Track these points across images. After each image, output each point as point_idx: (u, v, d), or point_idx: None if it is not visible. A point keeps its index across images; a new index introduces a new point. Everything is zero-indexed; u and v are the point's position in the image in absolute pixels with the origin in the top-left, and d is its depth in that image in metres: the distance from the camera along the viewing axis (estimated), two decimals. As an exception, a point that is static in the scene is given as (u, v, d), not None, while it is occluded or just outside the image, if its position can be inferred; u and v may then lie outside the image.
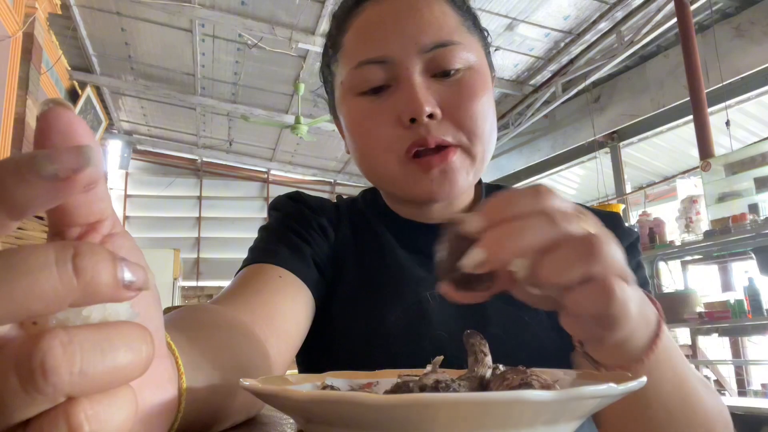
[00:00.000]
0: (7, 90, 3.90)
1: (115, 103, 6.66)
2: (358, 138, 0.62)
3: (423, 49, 0.57)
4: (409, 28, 0.57)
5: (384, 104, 0.59)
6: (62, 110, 0.20)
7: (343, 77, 0.62)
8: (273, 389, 0.28)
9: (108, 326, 0.20)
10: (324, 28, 4.60)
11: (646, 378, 0.30)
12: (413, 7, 0.58)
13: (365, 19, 0.60)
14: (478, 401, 0.24)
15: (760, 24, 4.05)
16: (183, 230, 7.95)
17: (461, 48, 0.58)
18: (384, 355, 0.59)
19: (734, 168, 3.72)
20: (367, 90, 0.59)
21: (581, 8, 4.22)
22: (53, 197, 0.19)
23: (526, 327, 0.60)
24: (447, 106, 0.57)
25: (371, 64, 0.58)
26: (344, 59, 0.62)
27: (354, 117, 0.61)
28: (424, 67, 0.58)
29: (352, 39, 0.61)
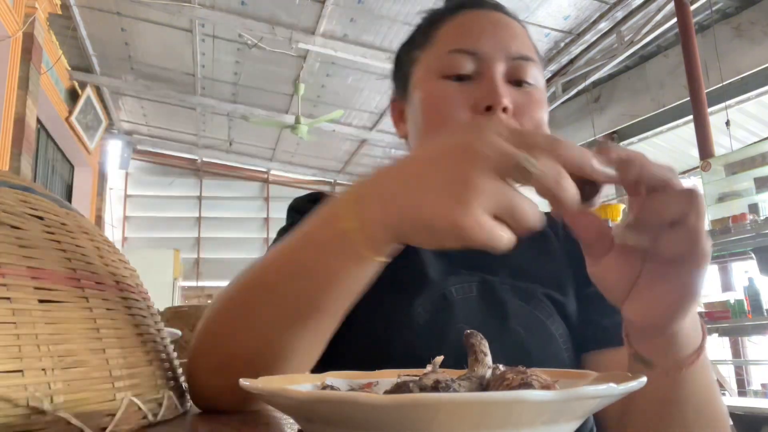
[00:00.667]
0: (7, 90, 3.90)
1: (115, 103, 6.66)
2: (430, 117, 0.67)
3: (509, 55, 0.64)
4: (502, 35, 0.66)
5: (464, 91, 0.64)
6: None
7: (431, 61, 0.68)
8: (273, 389, 0.28)
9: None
10: (324, 28, 4.60)
11: (645, 378, 0.30)
12: (507, 24, 0.68)
13: (464, 19, 0.68)
14: (478, 401, 0.24)
15: (760, 24, 4.05)
16: (183, 230, 7.95)
17: (536, 67, 0.66)
18: (407, 346, 0.61)
19: (734, 168, 3.72)
20: (452, 75, 0.65)
21: (581, 8, 4.22)
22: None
23: (545, 328, 0.64)
24: (517, 108, 0.64)
25: (463, 54, 0.65)
26: (436, 46, 0.68)
27: (433, 95, 0.66)
28: (506, 71, 0.65)
29: (448, 31, 0.68)
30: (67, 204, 0.48)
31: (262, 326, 0.45)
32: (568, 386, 0.26)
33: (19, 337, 0.33)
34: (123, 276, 0.47)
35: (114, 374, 0.39)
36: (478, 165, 0.31)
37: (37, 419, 0.32)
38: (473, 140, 0.32)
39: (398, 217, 0.35)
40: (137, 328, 0.45)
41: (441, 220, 0.32)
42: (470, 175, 0.31)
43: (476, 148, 0.32)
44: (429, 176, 0.33)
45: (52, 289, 0.37)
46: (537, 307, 0.65)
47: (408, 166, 0.36)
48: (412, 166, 0.36)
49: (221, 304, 0.49)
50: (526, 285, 0.66)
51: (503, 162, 0.31)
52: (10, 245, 0.36)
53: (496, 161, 0.31)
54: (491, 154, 0.31)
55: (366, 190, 0.38)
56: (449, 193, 0.32)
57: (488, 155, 0.31)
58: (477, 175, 0.31)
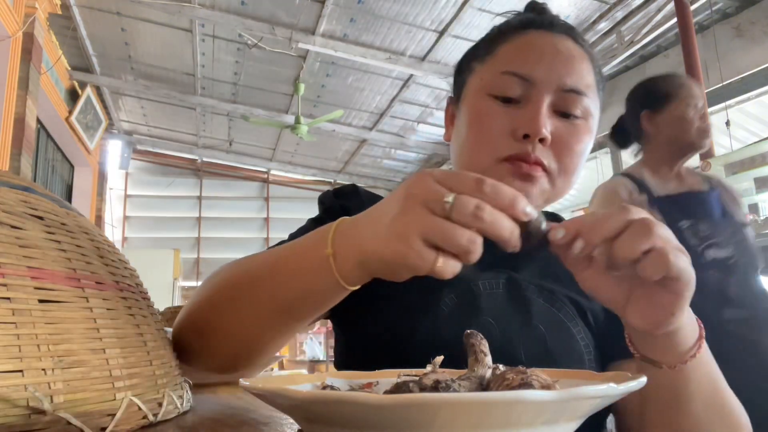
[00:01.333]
0: (7, 90, 3.90)
1: (115, 103, 6.66)
2: (471, 130, 0.69)
3: (561, 87, 0.65)
4: (559, 65, 0.66)
5: (508, 113, 0.66)
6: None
7: (485, 76, 0.69)
8: (273, 389, 0.28)
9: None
10: (324, 28, 4.60)
11: (645, 378, 0.30)
12: (569, 52, 0.68)
13: (528, 42, 0.69)
14: (478, 401, 0.24)
15: (760, 24, 4.05)
16: (183, 230, 7.95)
17: (588, 101, 0.67)
18: (431, 336, 0.63)
19: (734, 168, 3.72)
20: (499, 95, 0.67)
21: (581, 8, 4.22)
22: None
23: (567, 330, 0.65)
24: (557, 138, 0.65)
25: (515, 77, 0.66)
26: (493, 63, 0.69)
27: (478, 112, 0.69)
28: (554, 101, 0.66)
29: (509, 50, 0.69)
30: (67, 204, 0.48)
31: (243, 319, 0.53)
32: (568, 386, 0.26)
33: (19, 337, 0.33)
34: (123, 276, 0.47)
35: (114, 374, 0.39)
36: (411, 204, 0.38)
37: (37, 419, 0.32)
38: (410, 184, 0.39)
39: (363, 254, 0.42)
40: (137, 328, 0.45)
41: (390, 254, 0.39)
42: (405, 213, 0.38)
43: (411, 190, 0.39)
44: (381, 219, 0.41)
45: (52, 289, 0.37)
46: (560, 309, 0.67)
47: (373, 212, 0.43)
48: (374, 212, 0.43)
49: (213, 290, 0.57)
50: (551, 286, 0.67)
51: (430, 199, 0.37)
52: (10, 245, 0.36)
53: (424, 199, 0.38)
54: (421, 193, 0.38)
55: (346, 229, 0.45)
56: (392, 231, 0.39)
57: (418, 195, 0.38)
58: (410, 212, 0.38)
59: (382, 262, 0.40)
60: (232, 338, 0.55)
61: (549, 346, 0.63)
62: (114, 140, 7.16)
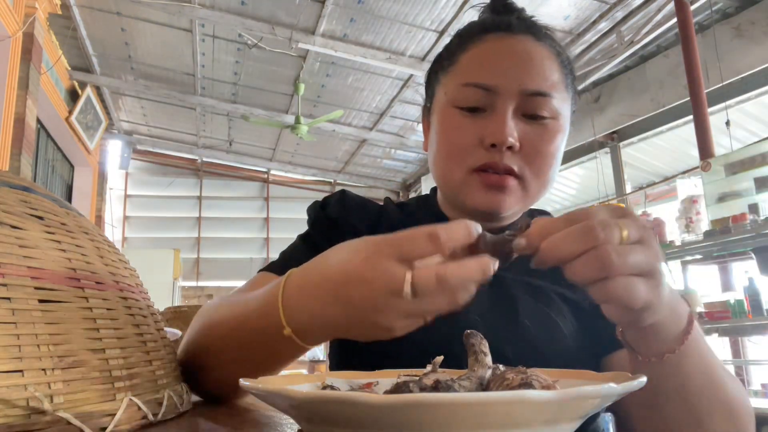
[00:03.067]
0: (7, 90, 3.90)
1: (115, 103, 6.66)
2: (441, 143, 0.70)
3: (524, 91, 0.65)
4: (519, 70, 0.66)
5: (474, 124, 0.66)
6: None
7: (449, 89, 0.70)
8: (273, 389, 0.28)
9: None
10: (324, 28, 4.60)
11: (645, 378, 0.30)
12: (528, 53, 0.67)
13: (486, 49, 0.68)
14: (478, 401, 0.24)
15: (760, 24, 4.05)
16: (183, 230, 7.95)
17: (554, 100, 0.66)
18: (420, 337, 0.62)
19: (734, 168, 3.71)
20: (465, 107, 0.67)
21: (581, 8, 4.21)
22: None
23: (553, 323, 0.65)
24: (526, 143, 0.65)
25: (477, 88, 0.66)
26: (455, 74, 0.70)
27: (445, 124, 0.69)
28: (518, 106, 0.65)
29: (469, 60, 0.69)
30: (67, 204, 0.48)
31: (228, 367, 0.55)
32: (568, 386, 0.26)
33: (19, 337, 0.33)
34: (123, 276, 0.47)
35: (114, 374, 0.39)
36: (375, 296, 0.38)
37: (37, 419, 0.32)
38: (363, 269, 0.38)
39: (328, 332, 0.44)
40: (137, 328, 0.45)
41: (372, 338, 0.41)
42: (375, 310, 0.39)
43: (366, 275, 0.38)
44: (345, 310, 0.40)
45: (52, 289, 0.37)
46: (548, 304, 0.67)
47: (324, 285, 0.42)
48: (326, 287, 0.42)
49: (198, 335, 0.59)
50: (538, 282, 0.68)
51: (390, 289, 0.37)
52: (10, 245, 0.36)
53: (385, 289, 0.37)
54: (378, 282, 0.38)
55: (296, 303, 0.44)
56: (367, 326, 0.40)
57: (377, 285, 0.38)
58: (379, 306, 0.38)
59: (356, 337, 0.42)
60: (224, 381, 0.56)
61: (536, 343, 0.63)
62: (114, 140, 7.15)
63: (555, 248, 0.38)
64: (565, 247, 0.37)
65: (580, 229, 0.38)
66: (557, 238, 0.38)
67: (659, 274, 0.39)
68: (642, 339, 0.46)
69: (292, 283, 0.45)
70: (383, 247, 0.38)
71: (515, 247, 0.40)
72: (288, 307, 0.45)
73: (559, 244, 0.38)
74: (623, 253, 0.37)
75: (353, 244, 0.41)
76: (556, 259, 0.38)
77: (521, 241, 0.39)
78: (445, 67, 0.72)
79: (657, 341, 0.45)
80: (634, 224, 0.39)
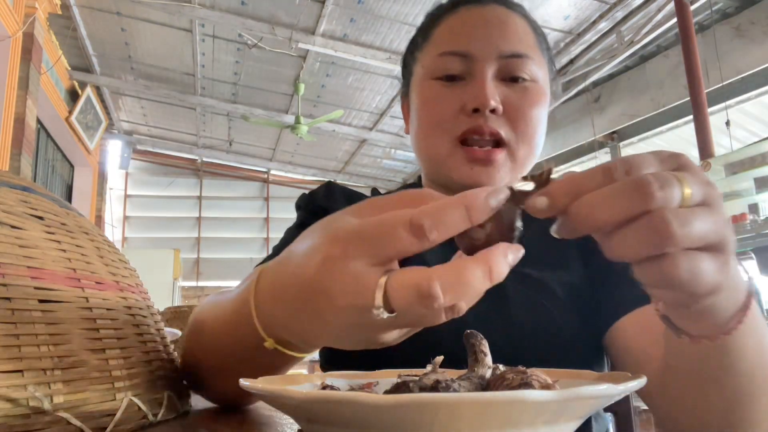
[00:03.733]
0: (7, 90, 3.90)
1: (115, 103, 6.66)
2: (422, 116, 0.68)
3: (501, 54, 0.64)
4: (494, 34, 0.65)
5: (454, 91, 0.65)
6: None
7: (425, 62, 0.69)
8: (273, 389, 0.28)
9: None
10: (324, 28, 4.60)
11: (645, 378, 0.30)
12: (501, 19, 0.67)
13: (458, 19, 0.68)
14: (478, 401, 0.24)
15: (760, 24, 4.05)
16: (183, 230, 7.95)
17: (533, 63, 0.66)
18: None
19: (734, 168, 3.72)
20: (443, 76, 0.66)
21: (581, 8, 4.21)
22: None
23: (545, 311, 0.63)
24: (508, 106, 0.64)
25: (453, 56, 0.65)
26: (430, 48, 0.69)
27: (424, 96, 0.68)
28: (497, 71, 0.65)
29: (442, 32, 0.69)
30: (67, 204, 0.48)
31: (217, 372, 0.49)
32: (568, 386, 0.26)
33: (19, 337, 0.33)
34: (123, 276, 0.47)
35: (114, 374, 0.39)
36: (342, 313, 0.29)
37: (37, 419, 0.32)
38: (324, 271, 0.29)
39: (312, 343, 0.38)
40: (137, 328, 0.45)
41: (350, 347, 0.32)
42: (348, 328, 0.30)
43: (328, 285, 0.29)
44: (310, 314, 0.31)
45: (52, 289, 0.37)
46: (541, 293, 0.64)
47: (289, 292, 0.33)
48: (291, 294, 0.33)
49: (188, 341, 0.53)
50: (530, 271, 0.64)
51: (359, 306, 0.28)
52: (10, 245, 0.36)
53: (353, 304, 0.28)
54: (344, 295, 0.28)
55: (270, 310, 0.37)
56: (345, 341, 0.32)
57: (342, 299, 0.28)
58: (352, 323, 0.29)
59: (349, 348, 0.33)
60: (222, 389, 0.52)
61: (529, 336, 0.60)
62: (114, 140, 7.15)
63: (591, 212, 0.28)
64: (605, 210, 0.27)
65: (627, 186, 0.27)
66: (595, 198, 0.28)
67: (729, 246, 0.30)
68: (691, 318, 0.35)
69: (263, 286, 0.38)
70: (346, 245, 0.29)
71: (531, 208, 0.29)
72: (263, 316, 0.37)
73: (598, 205, 0.28)
74: (687, 219, 0.27)
75: (312, 235, 0.32)
76: (591, 226, 0.28)
77: (541, 201, 0.29)
78: (420, 45, 0.72)
79: (711, 320, 0.34)
80: (697, 179, 0.29)
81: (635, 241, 0.28)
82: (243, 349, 0.42)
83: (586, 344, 0.63)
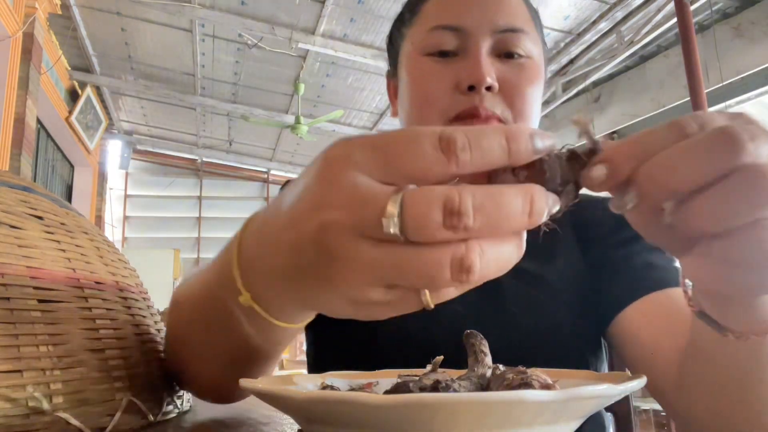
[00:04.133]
0: (7, 90, 3.90)
1: (115, 103, 6.65)
2: (413, 95, 0.64)
3: (496, 29, 0.61)
4: (488, 7, 0.61)
5: (447, 68, 0.61)
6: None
7: (415, 38, 0.65)
8: (273, 389, 0.28)
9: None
10: (324, 28, 4.60)
11: (645, 378, 0.30)
12: None
13: None
14: (478, 401, 0.24)
15: (760, 24, 4.05)
16: (183, 230, 7.95)
17: (528, 38, 0.62)
18: (398, 333, 0.58)
19: (734, 168, 3.71)
20: (435, 52, 0.62)
21: (581, 8, 4.21)
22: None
23: (542, 306, 0.61)
24: (504, 83, 0.60)
25: (446, 30, 0.62)
26: (420, 22, 0.65)
27: (416, 74, 0.64)
28: (492, 46, 0.61)
29: (432, 5, 0.65)
30: (67, 204, 0.48)
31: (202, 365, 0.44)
32: (568, 386, 0.26)
33: (18, 337, 0.33)
34: (122, 276, 0.47)
35: (113, 374, 0.39)
36: (334, 236, 0.24)
37: (37, 419, 0.32)
38: (323, 183, 0.24)
39: (296, 304, 0.32)
40: (137, 328, 0.44)
41: (339, 314, 0.28)
42: (334, 259, 0.24)
43: (326, 199, 0.24)
44: (293, 244, 0.26)
45: (52, 289, 0.37)
46: (538, 287, 0.62)
47: (278, 222, 0.28)
48: (280, 223, 0.28)
49: (169, 329, 0.46)
50: (527, 265, 0.58)
51: (361, 222, 0.23)
52: (9, 245, 0.36)
53: (352, 222, 0.23)
54: (343, 208, 0.23)
55: (255, 255, 0.31)
56: (328, 293, 0.26)
57: (340, 214, 0.23)
58: (340, 254, 0.24)
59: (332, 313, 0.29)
60: (202, 378, 0.46)
61: (526, 333, 0.58)
62: (114, 140, 7.15)
63: (668, 173, 0.23)
64: (687, 169, 0.22)
65: (710, 139, 0.23)
66: (671, 157, 0.23)
67: None
68: (734, 312, 0.31)
69: (251, 228, 0.32)
70: (351, 150, 0.24)
71: (588, 179, 0.24)
72: (246, 264, 0.32)
73: (677, 164, 0.23)
74: None
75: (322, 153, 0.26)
76: (667, 191, 0.23)
77: (599, 170, 0.24)
78: (408, 20, 0.68)
79: (760, 312, 0.30)
80: None
81: (726, 205, 0.22)
82: (216, 315, 0.37)
83: (585, 340, 0.62)
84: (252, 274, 0.32)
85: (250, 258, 0.32)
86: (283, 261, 0.28)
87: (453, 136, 0.22)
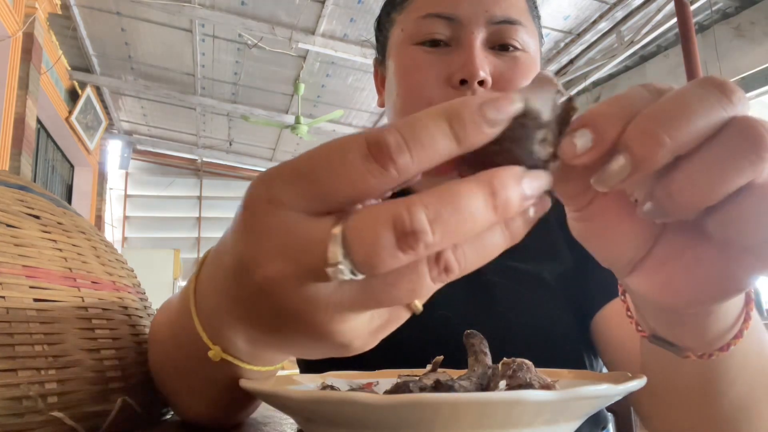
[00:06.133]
0: (7, 90, 3.90)
1: (115, 103, 6.66)
2: (402, 86, 0.61)
3: (491, 20, 0.58)
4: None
5: (439, 60, 0.59)
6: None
7: (406, 25, 0.62)
8: (273, 389, 0.28)
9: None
10: (324, 28, 4.60)
11: (645, 378, 0.29)
12: None
13: None
14: (478, 401, 0.24)
15: (760, 24, 4.05)
16: (183, 230, 7.95)
17: (525, 30, 0.59)
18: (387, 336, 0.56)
19: (734, 168, 3.71)
20: (426, 41, 0.59)
21: (581, 8, 4.21)
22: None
23: (533, 306, 0.59)
24: (498, 77, 0.58)
25: (439, 18, 0.59)
26: (412, 8, 0.62)
27: (406, 64, 0.61)
28: (487, 37, 0.58)
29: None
30: (65, 203, 0.48)
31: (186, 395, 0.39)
32: (568, 386, 0.26)
33: (13, 336, 0.33)
34: (119, 276, 0.47)
35: (108, 374, 0.38)
36: (273, 279, 0.21)
37: (31, 419, 0.31)
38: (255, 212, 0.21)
39: (274, 351, 0.29)
40: (133, 328, 0.44)
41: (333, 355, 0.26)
42: (277, 299, 0.21)
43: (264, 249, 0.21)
44: (268, 324, 0.24)
45: (47, 288, 0.37)
46: (528, 286, 0.60)
47: (227, 273, 0.25)
48: (229, 273, 0.24)
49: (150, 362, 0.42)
50: (516, 264, 0.61)
51: (307, 267, 0.20)
52: (5, 244, 0.36)
53: (299, 271, 0.20)
54: (289, 262, 0.20)
55: (211, 304, 0.28)
56: (287, 328, 0.23)
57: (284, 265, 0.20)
58: (292, 296, 0.21)
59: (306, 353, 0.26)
60: (190, 415, 0.41)
61: (518, 333, 0.56)
62: (114, 140, 7.16)
63: (662, 126, 0.20)
64: (682, 121, 0.20)
65: (699, 88, 0.21)
66: (663, 109, 0.21)
67: None
68: (687, 326, 0.29)
69: (204, 273, 0.29)
70: (270, 186, 0.20)
71: (568, 149, 0.21)
72: (205, 320, 0.29)
73: (671, 117, 0.20)
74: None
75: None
76: (665, 149, 0.20)
77: (583, 135, 0.20)
78: (399, 5, 0.64)
79: (711, 329, 0.28)
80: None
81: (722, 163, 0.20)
82: (189, 364, 0.33)
83: (579, 338, 0.60)
84: (214, 328, 0.28)
85: (208, 311, 0.28)
86: (245, 315, 0.25)
87: (382, 137, 0.19)
